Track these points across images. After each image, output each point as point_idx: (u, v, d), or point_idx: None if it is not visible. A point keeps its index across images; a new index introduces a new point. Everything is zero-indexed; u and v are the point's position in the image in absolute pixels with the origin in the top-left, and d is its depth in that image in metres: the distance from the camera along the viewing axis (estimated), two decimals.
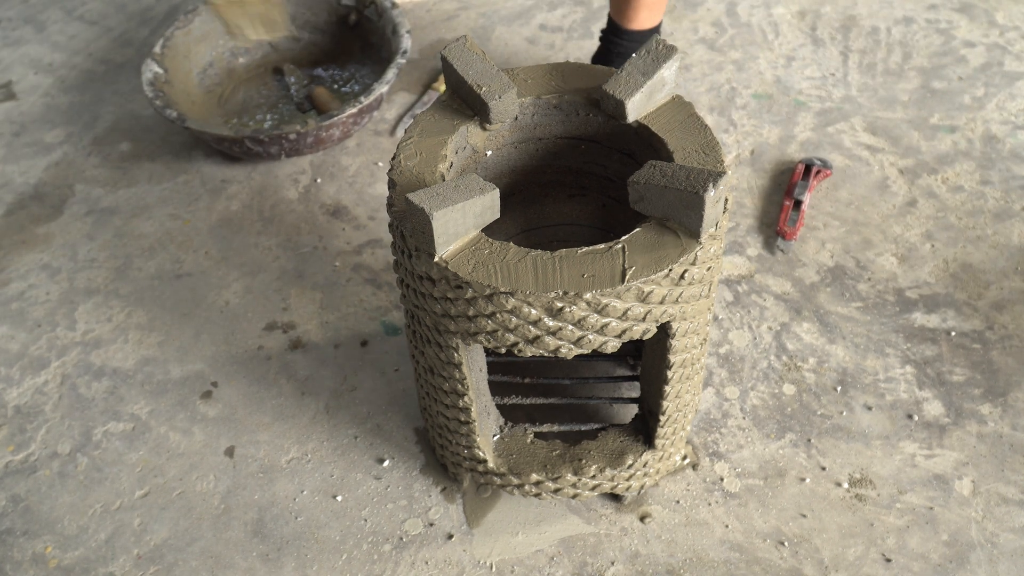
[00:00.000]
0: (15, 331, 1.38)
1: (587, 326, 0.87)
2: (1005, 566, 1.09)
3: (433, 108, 1.00)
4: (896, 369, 1.28)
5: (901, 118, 1.65)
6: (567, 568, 1.11)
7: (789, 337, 1.32)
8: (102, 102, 1.77)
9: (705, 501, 1.16)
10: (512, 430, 1.13)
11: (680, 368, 1.00)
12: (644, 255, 0.85)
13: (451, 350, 0.95)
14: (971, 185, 1.53)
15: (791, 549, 1.11)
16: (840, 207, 1.50)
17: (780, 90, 1.71)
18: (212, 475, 1.21)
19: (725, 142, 1.62)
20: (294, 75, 1.76)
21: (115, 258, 1.48)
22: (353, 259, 1.46)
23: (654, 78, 0.94)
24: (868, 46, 1.80)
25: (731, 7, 1.90)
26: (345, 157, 1.62)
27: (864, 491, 1.16)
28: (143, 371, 1.33)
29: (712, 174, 0.84)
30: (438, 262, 0.86)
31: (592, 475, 1.09)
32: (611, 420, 1.23)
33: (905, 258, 1.42)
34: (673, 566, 1.11)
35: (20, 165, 1.65)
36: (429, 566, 1.12)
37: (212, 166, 1.63)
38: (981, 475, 1.17)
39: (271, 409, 1.28)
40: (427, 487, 1.19)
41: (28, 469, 1.23)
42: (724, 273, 1.41)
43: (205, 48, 1.73)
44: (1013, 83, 1.71)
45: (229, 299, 1.41)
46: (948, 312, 1.35)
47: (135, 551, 1.14)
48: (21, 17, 2.01)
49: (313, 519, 1.16)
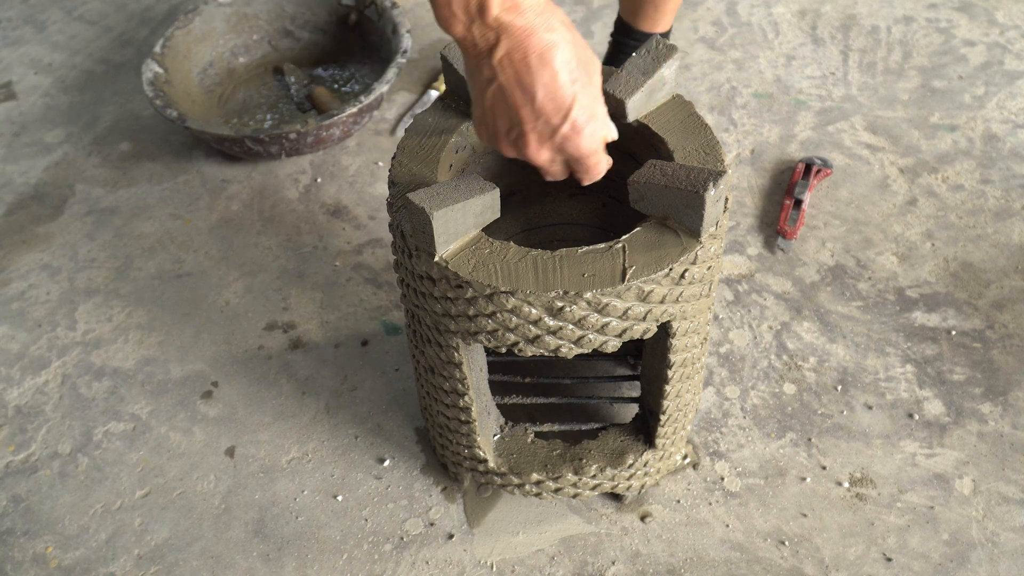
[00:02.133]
0: (15, 331, 1.39)
1: (587, 325, 0.86)
2: (1006, 565, 1.09)
3: (433, 108, 1.00)
4: (896, 368, 1.28)
5: (901, 117, 1.65)
6: (568, 568, 1.11)
7: (789, 336, 1.32)
8: (102, 102, 1.77)
9: (706, 500, 1.16)
10: (512, 430, 1.13)
11: (680, 367, 1.00)
12: (644, 254, 0.85)
13: (451, 350, 0.95)
14: (971, 184, 1.53)
15: (792, 548, 1.11)
16: (840, 206, 1.50)
17: (780, 89, 1.71)
18: (213, 475, 1.21)
19: (725, 141, 1.62)
20: (294, 75, 1.76)
21: (115, 258, 1.48)
22: (353, 259, 1.46)
23: (654, 77, 0.94)
24: (868, 45, 1.80)
25: (731, 6, 1.90)
26: (345, 157, 1.62)
27: (865, 490, 1.16)
28: (143, 371, 1.33)
29: (712, 173, 0.84)
30: (438, 262, 0.86)
31: (592, 475, 1.09)
32: (611, 420, 1.23)
33: (905, 257, 1.42)
34: (674, 566, 1.11)
35: (20, 165, 1.65)
36: (430, 566, 1.12)
37: (212, 166, 1.63)
38: (982, 474, 1.17)
39: (271, 409, 1.28)
40: (428, 487, 1.19)
41: (29, 469, 1.23)
42: (724, 272, 1.41)
43: (205, 48, 1.73)
44: (1013, 82, 1.71)
45: (229, 299, 1.41)
46: (948, 311, 1.35)
47: (136, 551, 1.14)
48: (21, 17, 2.01)
49: (314, 519, 1.16)
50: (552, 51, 0.74)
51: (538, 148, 0.79)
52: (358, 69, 1.79)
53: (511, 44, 0.73)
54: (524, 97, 0.75)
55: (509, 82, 0.75)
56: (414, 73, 1.77)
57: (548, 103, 0.75)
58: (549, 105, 0.76)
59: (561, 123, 0.77)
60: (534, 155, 0.79)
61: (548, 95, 0.75)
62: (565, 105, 0.76)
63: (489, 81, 0.76)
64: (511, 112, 0.77)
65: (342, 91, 1.75)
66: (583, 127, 0.78)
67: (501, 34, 0.73)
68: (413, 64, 1.78)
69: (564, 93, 0.76)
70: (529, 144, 0.78)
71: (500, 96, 0.76)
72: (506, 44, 0.73)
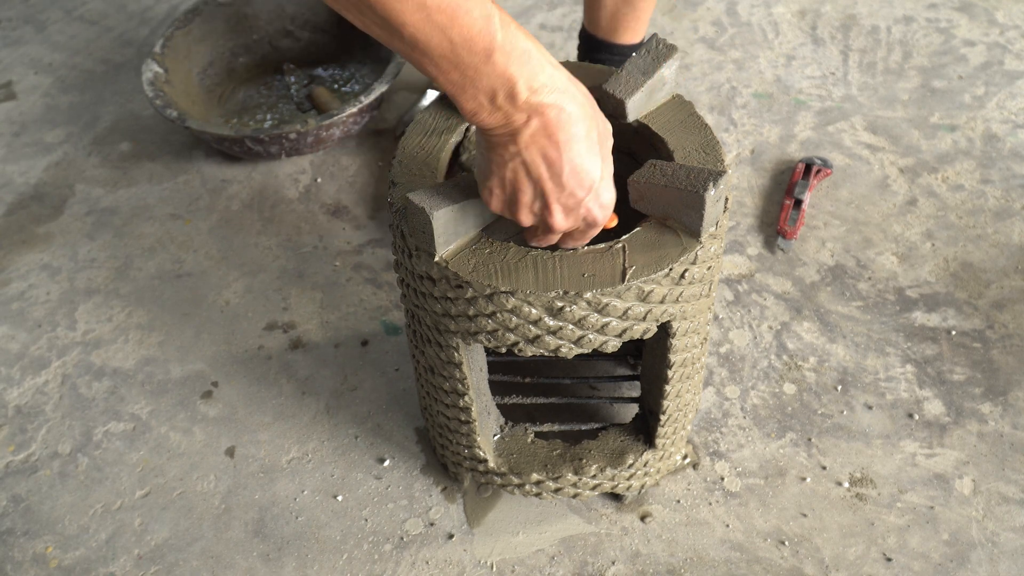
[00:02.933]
0: (15, 331, 1.39)
1: (587, 325, 0.87)
2: (1006, 565, 1.09)
3: (433, 107, 1.00)
4: (896, 368, 1.28)
5: (901, 117, 1.65)
6: (568, 568, 1.11)
7: (789, 336, 1.32)
8: (102, 102, 1.77)
9: (706, 500, 1.16)
10: (512, 430, 1.13)
11: (680, 367, 1.00)
12: (644, 254, 0.85)
13: (451, 350, 0.95)
14: (971, 184, 1.53)
15: (792, 548, 1.11)
16: (840, 206, 1.50)
17: (780, 89, 1.71)
18: (213, 475, 1.21)
19: (725, 141, 1.62)
20: (294, 75, 1.76)
21: (115, 258, 1.48)
22: (353, 259, 1.46)
23: (654, 77, 0.94)
24: (868, 45, 1.80)
25: (731, 6, 1.90)
26: (345, 157, 1.62)
27: (865, 490, 1.16)
28: (143, 371, 1.33)
29: (713, 173, 0.84)
30: (438, 262, 0.86)
31: (593, 475, 1.09)
32: (611, 419, 1.23)
33: (905, 257, 1.42)
34: (674, 565, 1.11)
35: (20, 165, 1.65)
36: (430, 566, 1.12)
37: (212, 166, 1.63)
38: (982, 474, 1.17)
39: (271, 409, 1.28)
40: (428, 487, 1.19)
41: (29, 469, 1.23)
42: (724, 272, 1.41)
43: (205, 48, 1.73)
44: (1013, 82, 1.71)
45: (229, 299, 1.41)
46: (948, 311, 1.35)
47: (136, 551, 1.14)
48: (21, 17, 2.01)
49: (314, 519, 1.16)
50: (578, 127, 0.75)
51: (564, 219, 0.81)
52: (358, 69, 1.79)
53: (540, 123, 0.74)
54: (550, 172, 0.77)
55: (535, 158, 0.76)
56: (414, 73, 1.77)
57: (573, 178, 0.77)
58: (574, 180, 0.77)
59: (586, 195, 0.79)
60: (558, 224, 0.81)
61: (574, 171, 0.77)
62: (590, 179, 0.78)
63: (513, 156, 0.77)
64: (535, 185, 0.78)
65: (342, 91, 1.75)
66: (606, 199, 0.81)
67: (532, 115, 0.74)
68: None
69: (589, 168, 0.77)
70: (554, 215, 0.80)
71: (523, 171, 0.77)
72: (536, 123, 0.74)
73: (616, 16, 1.38)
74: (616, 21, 1.39)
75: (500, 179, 0.79)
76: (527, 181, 0.78)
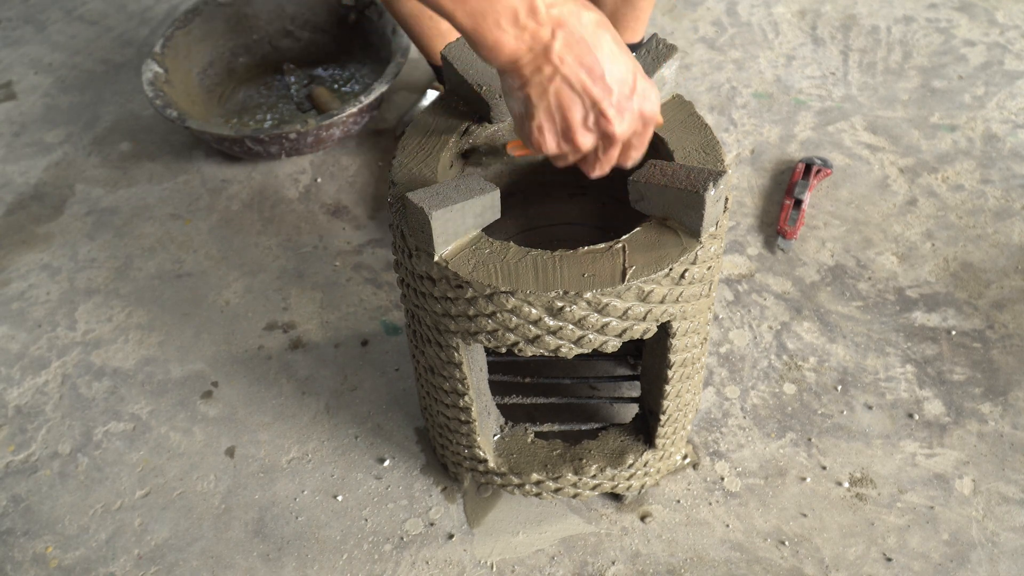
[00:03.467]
0: (15, 331, 1.39)
1: (587, 325, 0.86)
2: (1006, 565, 1.09)
3: (433, 108, 1.00)
4: (896, 368, 1.28)
5: (901, 117, 1.65)
6: (568, 568, 1.11)
7: (789, 336, 1.32)
8: (102, 102, 1.77)
9: (706, 500, 1.16)
10: (512, 430, 1.13)
11: (680, 367, 1.00)
12: (644, 254, 0.85)
13: (451, 350, 0.95)
14: (971, 184, 1.53)
15: (792, 548, 1.11)
16: (840, 206, 1.50)
17: (780, 89, 1.71)
18: (212, 475, 1.21)
19: (725, 141, 1.62)
20: (294, 75, 1.77)
21: (115, 258, 1.48)
22: (353, 259, 1.46)
23: (654, 77, 0.94)
24: (868, 45, 1.80)
25: (731, 6, 1.90)
26: (345, 157, 1.62)
27: (865, 490, 1.16)
28: (143, 371, 1.33)
29: (712, 173, 0.84)
30: (438, 262, 0.86)
31: (593, 475, 1.09)
32: (611, 419, 1.23)
33: (905, 257, 1.42)
34: (674, 565, 1.11)
35: (20, 165, 1.65)
36: (430, 566, 1.12)
37: (212, 166, 1.63)
38: (982, 474, 1.17)
39: (271, 409, 1.28)
40: (428, 487, 1.19)
41: (29, 469, 1.23)
42: (724, 272, 1.41)
43: (205, 48, 1.73)
44: (1013, 82, 1.71)
45: (229, 299, 1.41)
46: (948, 311, 1.35)
47: (136, 551, 1.14)
48: (21, 17, 2.01)
49: (314, 519, 1.16)
50: (600, 28, 0.77)
51: (621, 120, 0.80)
52: (358, 69, 1.79)
53: (567, 32, 0.75)
54: (592, 77, 0.77)
55: (573, 70, 0.76)
56: (414, 73, 1.77)
57: (615, 76, 0.77)
58: (617, 77, 0.78)
59: (635, 85, 0.79)
60: (619, 128, 0.80)
61: (614, 65, 0.77)
62: (631, 68, 0.79)
63: (551, 77, 0.77)
64: (582, 97, 0.78)
65: (342, 91, 1.75)
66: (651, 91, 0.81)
67: (556, 28, 0.75)
68: (413, 64, 1.78)
69: (625, 58, 0.78)
70: (611, 120, 0.79)
71: (565, 87, 0.77)
72: (562, 34, 0.75)
73: (616, 16, 1.39)
74: (616, 21, 1.40)
75: (546, 110, 0.79)
76: (573, 96, 0.78)
